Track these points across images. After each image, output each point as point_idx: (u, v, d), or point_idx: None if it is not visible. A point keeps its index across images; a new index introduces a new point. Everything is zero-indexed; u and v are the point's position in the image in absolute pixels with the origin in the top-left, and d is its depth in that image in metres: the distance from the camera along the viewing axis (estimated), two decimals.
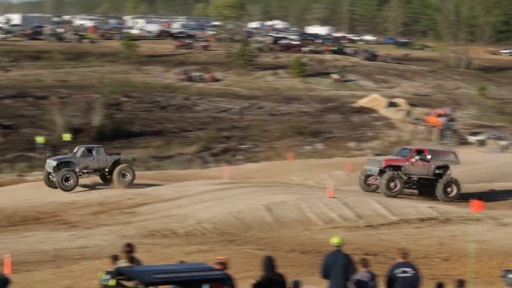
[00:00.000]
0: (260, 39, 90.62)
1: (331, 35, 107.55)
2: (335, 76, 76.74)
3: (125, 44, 77.90)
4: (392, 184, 29.81)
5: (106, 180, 31.78)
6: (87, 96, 58.72)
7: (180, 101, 64.49)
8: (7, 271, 15.45)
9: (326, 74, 78.16)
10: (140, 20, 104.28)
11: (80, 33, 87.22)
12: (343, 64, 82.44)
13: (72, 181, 30.21)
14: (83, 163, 31.18)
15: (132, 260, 11.20)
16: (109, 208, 27.06)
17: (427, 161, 30.63)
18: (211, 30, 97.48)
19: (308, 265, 18.20)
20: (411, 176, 30.70)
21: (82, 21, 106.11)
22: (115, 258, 11.49)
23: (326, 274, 11.15)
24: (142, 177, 35.48)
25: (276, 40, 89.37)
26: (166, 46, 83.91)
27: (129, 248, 11.32)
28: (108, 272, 10.97)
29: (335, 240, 11.36)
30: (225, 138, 55.43)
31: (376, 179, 30.60)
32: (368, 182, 31.19)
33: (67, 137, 48.90)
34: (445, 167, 30.85)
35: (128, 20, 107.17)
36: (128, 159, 32.31)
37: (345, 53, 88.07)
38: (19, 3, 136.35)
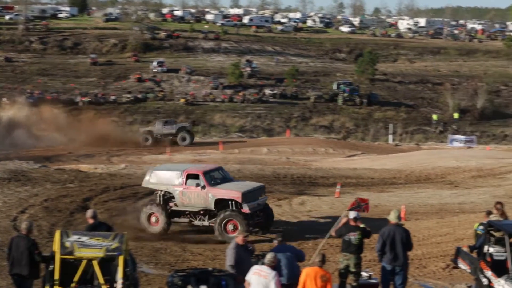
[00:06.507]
0: None
1: None
2: None
3: (506, 44, 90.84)
4: None
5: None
6: (473, 84, 71.99)
7: None
8: (403, 219, 18.43)
9: None
10: None
11: (471, 34, 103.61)
12: None
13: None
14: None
15: (502, 215, 12.80)
16: (485, 173, 30.76)
17: None
18: None
19: None
20: None
21: (473, 25, 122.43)
22: (488, 213, 13.23)
23: None
24: None
25: None
26: None
27: (500, 206, 12.89)
28: (481, 224, 12.63)
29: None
30: None
31: None
32: None
33: (456, 115, 63.34)
34: None
35: (510, 25, 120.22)
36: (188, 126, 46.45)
37: None
38: (425, 9, 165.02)
